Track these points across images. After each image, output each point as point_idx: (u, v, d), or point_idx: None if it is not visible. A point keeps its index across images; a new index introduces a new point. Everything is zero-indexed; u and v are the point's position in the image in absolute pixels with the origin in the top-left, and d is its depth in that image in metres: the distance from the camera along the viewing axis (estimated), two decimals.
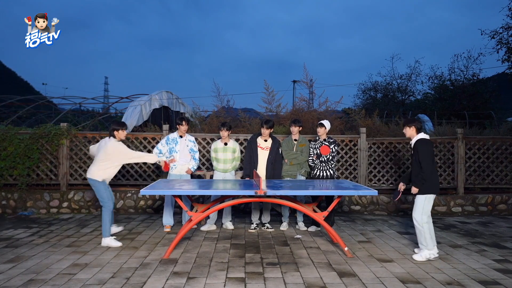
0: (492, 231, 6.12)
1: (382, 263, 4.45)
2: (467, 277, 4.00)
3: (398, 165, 7.70)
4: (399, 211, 7.42)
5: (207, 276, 3.96)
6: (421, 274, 4.08)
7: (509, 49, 13.68)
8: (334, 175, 5.98)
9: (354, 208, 7.50)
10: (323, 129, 5.93)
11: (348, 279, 3.90)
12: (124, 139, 5.47)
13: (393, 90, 25.31)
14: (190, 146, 6.12)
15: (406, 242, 5.40)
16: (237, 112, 9.57)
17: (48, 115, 17.12)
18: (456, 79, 22.20)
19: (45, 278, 3.86)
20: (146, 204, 7.38)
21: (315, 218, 5.00)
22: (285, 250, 4.94)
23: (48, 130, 7.26)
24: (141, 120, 10.57)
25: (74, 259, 4.51)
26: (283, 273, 4.04)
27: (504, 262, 4.52)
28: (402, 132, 8.62)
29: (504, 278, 3.96)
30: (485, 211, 7.47)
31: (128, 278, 3.89)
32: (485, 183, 7.75)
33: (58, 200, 7.28)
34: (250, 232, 5.90)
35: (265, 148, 6.02)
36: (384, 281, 3.86)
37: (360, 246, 5.15)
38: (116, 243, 5.09)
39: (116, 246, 5.04)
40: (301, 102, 9.76)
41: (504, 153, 7.78)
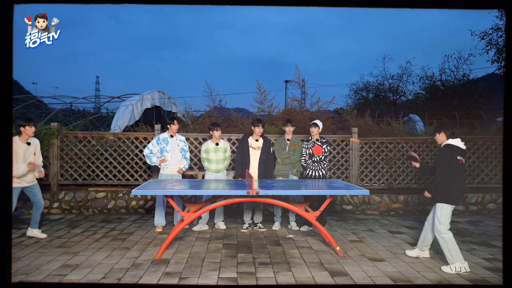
0: (482, 230, 6.20)
1: (373, 262, 4.49)
2: (457, 275, 4.06)
3: (390, 165, 7.76)
4: (391, 211, 7.47)
5: (199, 276, 3.97)
6: (412, 273, 4.12)
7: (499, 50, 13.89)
8: (326, 175, 6.01)
9: (346, 208, 7.54)
10: (317, 129, 5.95)
11: (340, 278, 3.93)
12: (32, 135, 5.35)
13: (384, 90, 25.54)
14: (181, 146, 6.11)
15: (397, 241, 5.44)
16: (229, 112, 9.57)
17: (38, 114, 16.98)
18: (446, 79, 22.51)
19: (35, 279, 3.83)
20: (138, 204, 7.34)
21: (307, 218, 5.01)
22: (277, 249, 4.96)
23: (38, 130, 7.15)
24: (132, 120, 10.51)
25: (65, 259, 4.47)
26: (275, 273, 4.06)
27: (494, 260, 4.59)
28: (393, 132, 8.77)
29: (493, 276, 4.03)
30: (475, 210, 7.55)
31: (119, 278, 3.88)
32: (475, 182, 7.84)
33: (48, 200, 7.18)
34: (242, 232, 5.91)
35: (256, 148, 6.03)
36: (376, 280, 3.90)
37: (352, 246, 5.18)
38: None
39: None
40: (293, 102, 9.79)
41: (493, 153, 7.88)
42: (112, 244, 5.14)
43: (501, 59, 13.86)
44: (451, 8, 2.42)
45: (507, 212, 2.30)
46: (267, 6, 2.51)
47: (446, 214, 4.31)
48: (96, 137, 7.48)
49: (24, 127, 5.14)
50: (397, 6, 2.45)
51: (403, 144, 7.78)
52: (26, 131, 5.16)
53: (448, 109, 20.49)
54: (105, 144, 7.44)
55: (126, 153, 7.45)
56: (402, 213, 7.39)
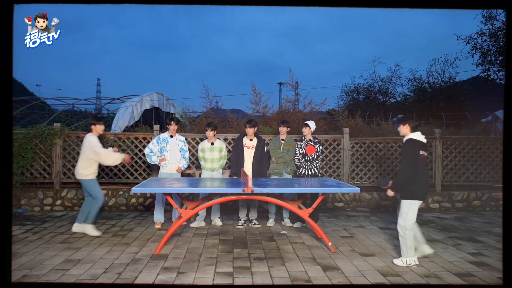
0: (467, 226, 6.39)
1: (364, 257, 4.61)
2: (443, 269, 4.18)
3: (380, 163, 7.97)
4: (380, 208, 7.69)
5: (196, 270, 4.06)
6: (401, 267, 4.24)
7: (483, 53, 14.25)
8: (318, 173, 6.17)
9: (337, 205, 7.73)
10: (308, 129, 6.11)
11: (332, 273, 4.04)
12: (102, 133, 5.73)
13: (374, 92, 25.93)
14: (180, 146, 6.23)
15: (386, 237, 5.60)
16: (226, 112, 9.71)
17: (41, 115, 17.04)
18: (434, 82, 23.00)
19: (39, 274, 3.92)
20: (138, 201, 7.48)
21: (300, 215, 5.14)
22: (272, 245, 5.07)
23: (42, 130, 7.31)
24: (132, 120, 10.65)
25: (67, 255, 4.56)
26: (269, 268, 4.16)
27: (478, 255, 4.74)
28: (383, 132, 8.99)
29: (478, 270, 4.18)
30: (461, 207, 7.81)
31: (119, 273, 3.96)
32: (461, 180, 8.09)
33: (51, 198, 7.33)
34: (238, 228, 6.04)
35: (250, 147, 6.18)
36: (366, 274, 4.01)
37: (343, 241, 5.32)
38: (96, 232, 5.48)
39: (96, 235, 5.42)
40: (287, 104, 9.98)
41: (478, 152, 8.14)
42: (113, 240, 5.24)
43: (486, 62, 14.22)
44: (451, 8, 2.42)
45: (507, 212, 2.27)
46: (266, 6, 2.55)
47: (414, 210, 4.28)
48: (103, 136, 7.59)
49: (95, 125, 5.56)
50: (396, 6, 2.47)
51: (392, 143, 8.00)
52: (97, 129, 5.56)
53: (435, 110, 20.94)
54: (106, 143, 7.54)
55: (126, 153, 7.55)
56: (391, 210, 7.59)
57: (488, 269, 4.24)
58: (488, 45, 14.20)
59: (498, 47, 13.66)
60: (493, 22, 13.78)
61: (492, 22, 13.82)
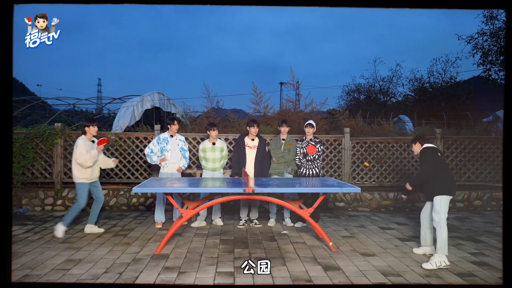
0: (468, 226, 6.38)
1: (365, 257, 4.60)
2: (444, 269, 4.17)
3: (380, 163, 7.97)
4: (381, 208, 7.68)
5: (197, 270, 4.05)
6: (402, 267, 4.25)
7: (484, 53, 14.25)
8: (319, 173, 6.17)
9: (338, 205, 7.73)
10: (313, 129, 6.12)
11: (333, 273, 4.04)
12: (96, 134, 5.75)
13: (375, 92, 25.94)
14: (180, 145, 6.23)
15: (387, 237, 5.60)
16: (227, 112, 9.70)
17: (42, 115, 17.09)
18: (434, 81, 23.03)
19: (40, 274, 3.92)
20: (138, 201, 7.49)
21: (301, 215, 5.14)
22: (273, 245, 5.07)
23: (43, 130, 7.31)
24: (133, 120, 10.68)
25: (68, 255, 4.57)
26: (270, 268, 4.15)
27: (479, 255, 4.75)
28: (384, 132, 8.99)
29: (479, 270, 4.18)
30: (462, 207, 7.80)
31: (120, 273, 3.96)
32: (462, 180, 8.08)
33: (52, 198, 7.34)
34: (238, 228, 6.04)
35: (252, 147, 6.17)
36: (367, 274, 4.01)
37: (344, 241, 5.31)
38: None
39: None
40: (288, 103, 9.98)
41: (479, 152, 8.13)
42: (114, 240, 5.25)
43: (487, 62, 14.22)
44: (451, 8, 2.43)
45: (507, 212, 2.28)
46: (266, 6, 2.54)
47: (445, 205, 4.48)
48: (98, 137, 7.59)
49: (89, 127, 5.56)
50: (397, 6, 2.47)
51: (393, 143, 8.00)
52: (90, 130, 5.57)
53: (436, 110, 20.94)
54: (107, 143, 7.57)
55: (127, 152, 7.59)
56: (392, 210, 7.58)
57: (489, 269, 4.23)
58: (489, 45, 14.20)
59: (499, 47, 13.65)
60: (494, 22, 13.79)
61: (493, 22, 13.83)
